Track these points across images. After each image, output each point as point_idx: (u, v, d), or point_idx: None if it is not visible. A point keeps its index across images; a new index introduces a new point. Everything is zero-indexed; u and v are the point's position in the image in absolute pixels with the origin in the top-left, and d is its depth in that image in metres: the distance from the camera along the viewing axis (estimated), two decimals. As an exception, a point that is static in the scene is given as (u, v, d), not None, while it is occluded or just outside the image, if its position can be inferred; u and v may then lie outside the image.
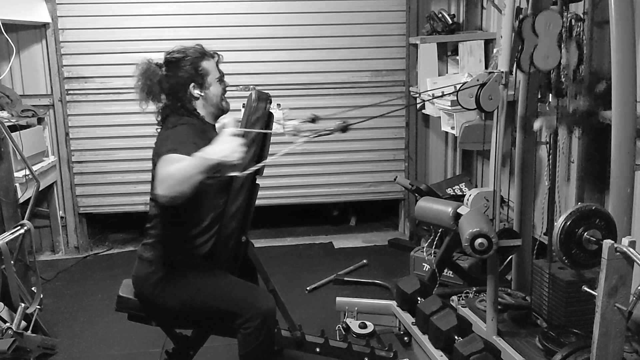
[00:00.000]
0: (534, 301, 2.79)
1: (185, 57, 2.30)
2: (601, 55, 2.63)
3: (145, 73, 2.27)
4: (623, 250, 1.71)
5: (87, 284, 4.09)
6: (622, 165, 2.15)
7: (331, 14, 4.64)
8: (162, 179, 1.89)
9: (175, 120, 2.28)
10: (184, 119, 2.29)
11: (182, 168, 1.87)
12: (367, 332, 3.09)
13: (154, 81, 2.27)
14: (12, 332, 2.61)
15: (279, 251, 4.66)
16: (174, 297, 2.26)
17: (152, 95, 2.30)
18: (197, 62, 2.30)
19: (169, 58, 2.32)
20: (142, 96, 2.30)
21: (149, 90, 2.28)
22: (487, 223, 2.44)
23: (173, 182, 1.86)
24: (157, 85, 2.28)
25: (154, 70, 2.28)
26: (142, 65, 2.28)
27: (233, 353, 2.32)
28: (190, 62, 2.29)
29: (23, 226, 2.85)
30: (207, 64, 2.33)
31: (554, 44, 2.40)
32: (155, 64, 2.30)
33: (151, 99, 2.32)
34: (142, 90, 2.29)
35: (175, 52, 2.33)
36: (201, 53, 2.33)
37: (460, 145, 3.99)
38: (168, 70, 2.30)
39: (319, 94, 4.73)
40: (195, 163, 1.87)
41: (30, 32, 4.43)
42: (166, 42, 4.38)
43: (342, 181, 4.88)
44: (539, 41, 2.39)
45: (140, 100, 2.31)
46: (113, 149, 4.63)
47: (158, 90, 2.29)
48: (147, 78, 2.27)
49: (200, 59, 2.31)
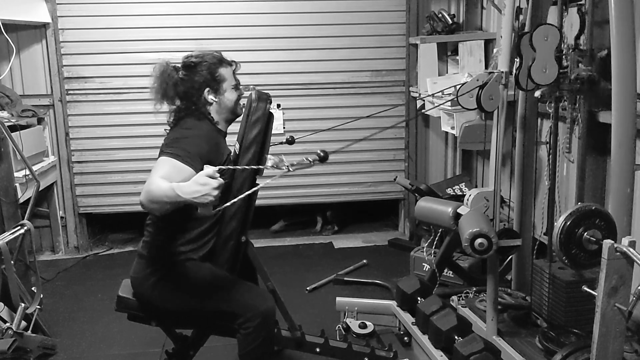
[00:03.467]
0: (534, 301, 2.79)
1: (203, 62, 2.30)
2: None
3: (162, 75, 2.28)
4: (623, 250, 1.71)
5: (87, 284, 4.09)
6: (622, 165, 2.15)
7: (331, 14, 4.64)
8: (146, 186, 1.96)
9: (192, 124, 2.28)
10: (200, 124, 2.29)
11: (159, 190, 1.91)
12: (367, 332, 3.09)
13: (170, 84, 2.28)
14: (12, 332, 2.61)
15: (279, 251, 4.66)
16: (173, 297, 2.26)
17: (167, 97, 2.31)
18: (214, 68, 2.31)
19: (186, 62, 2.33)
20: (157, 97, 2.31)
21: (164, 93, 2.29)
22: (487, 223, 2.44)
23: (149, 197, 1.94)
24: (172, 89, 2.29)
25: (170, 73, 2.29)
26: (159, 67, 2.29)
27: (233, 353, 2.32)
28: (207, 68, 2.30)
29: (23, 226, 2.84)
30: (224, 71, 2.33)
31: (552, 57, 2.40)
32: (173, 66, 2.31)
33: (165, 101, 2.32)
34: (157, 92, 2.30)
35: (193, 56, 2.33)
36: (219, 60, 2.34)
37: (460, 145, 3.99)
38: (185, 73, 2.30)
39: (319, 94, 4.73)
40: (168, 193, 1.89)
41: (30, 32, 4.43)
42: (166, 42, 4.47)
43: (342, 181, 4.88)
44: (536, 55, 2.38)
45: (154, 101, 2.32)
46: (113, 149, 4.63)
47: (173, 93, 2.30)
48: (163, 80, 2.28)
49: (217, 65, 2.32)
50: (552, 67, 2.40)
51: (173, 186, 1.88)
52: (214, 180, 1.84)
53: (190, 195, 1.84)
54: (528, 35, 2.39)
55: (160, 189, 1.91)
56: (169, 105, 2.35)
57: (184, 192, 1.85)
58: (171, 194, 1.88)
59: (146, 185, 1.96)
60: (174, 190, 1.87)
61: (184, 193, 1.85)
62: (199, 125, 2.28)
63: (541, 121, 3.28)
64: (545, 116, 3.17)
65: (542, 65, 2.38)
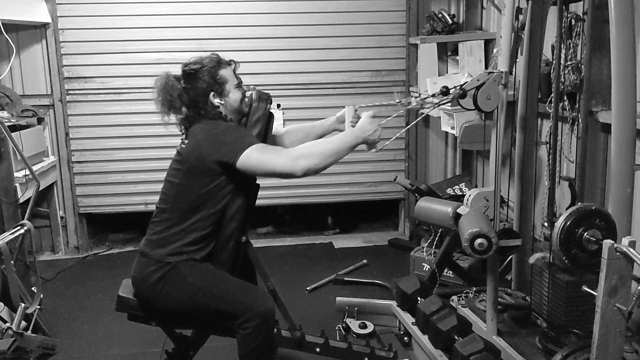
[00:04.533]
0: (534, 301, 2.79)
1: (202, 68, 2.30)
2: (601, 54, 2.62)
3: (164, 88, 2.28)
4: (623, 250, 1.71)
5: (87, 284, 4.09)
6: (622, 165, 2.15)
7: (331, 14, 4.64)
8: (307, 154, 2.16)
9: (211, 123, 2.29)
10: (215, 121, 2.31)
11: (334, 145, 2.21)
12: (367, 332, 3.09)
13: (175, 95, 2.28)
14: (12, 332, 2.61)
15: (279, 251, 4.66)
16: (173, 297, 2.26)
17: (174, 108, 2.31)
18: (215, 71, 2.31)
19: (186, 70, 2.33)
20: (164, 110, 2.32)
21: (170, 105, 2.30)
22: (487, 223, 2.44)
23: (325, 156, 2.17)
24: (177, 100, 2.29)
25: (172, 85, 2.29)
26: (160, 80, 2.30)
27: (233, 353, 2.32)
28: (207, 72, 2.30)
29: (23, 226, 2.85)
30: (225, 72, 2.34)
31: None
32: (174, 77, 2.31)
33: (173, 112, 2.33)
34: (163, 105, 2.30)
35: (191, 64, 2.33)
36: (217, 62, 2.34)
37: (460, 145, 3.98)
38: (187, 82, 2.30)
39: (319, 94, 4.73)
40: (345, 140, 2.22)
41: (30, 32, 4.44)
42: (166, 42, 4.47)
43: (342, 181, 4.88)
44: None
45: (161, 114, 2.33)
46: (113, 149, 4.63)
47: (179, 104, 2.31)
48: (166, 93, 2.28)
49: (217, 67, 2.32)
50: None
51: (346, 134, 2.25)
52: (377, 118, 2.24)
53: (367, 134, 2.24)
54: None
55: (336, 144, 2.21)
56: (176, 116, 2.35)
57: (363, 132, 2.24)
58: (350, 140, 2.23)
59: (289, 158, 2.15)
60: (351, 136, 2.23)
61: (363, 132, 2.24)
62: (220, 124, 2.31)
63: (541, 121, 3.29)
64: (545, 116, 3.17)
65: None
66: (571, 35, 2.68)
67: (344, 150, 2.23)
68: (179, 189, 2.27)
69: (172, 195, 2.29)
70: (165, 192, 2.34)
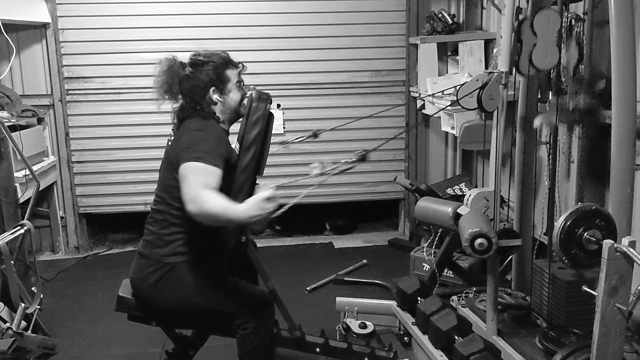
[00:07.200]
0: (534, 301, 2.79)
1: (210, 62, 2.29)
2: (601, 54, 2.62)
3: (169, 70, 2.27)
4: (623, 250, 1.71)
5: (87, 284, 4.09)
6: (622, 165, 2.15)
7: (331, 14, 4.64)
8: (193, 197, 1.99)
9: (201, 124, 2.25)
10: (207, 123, 2.27)
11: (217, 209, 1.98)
12: (367, 332, 3.09)
13: (176, 80, 2.27)
14: (12, 332, 2.61)
15: (279, 251, 4.66)
16: (173, 297, 2.26)
17: (171, 93, 2.30)
18: (221, 69, 2.30)
19: (194, 59, 2.31)
20: (160, 92, 2.30)
21: (168, 88, 2.28)
22: (487, 223, 2.44)
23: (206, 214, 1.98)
24: (177, 85, 2.28)
25: (177, 68, 2.28)
26: (166, 62, 2.28)
27: (233, 353, 2.32)
28: (213, 67, 2.28)
29: (23, 226, 2.85)
30: (230, 72, 2.33)
31: (553, 42, 2.40)
32: (180, 62, 2.30)
33: (168, 97, 2.31)
34: (162, 87, 2.29)
35: (201, 54, 2.32)
36: (226, 61, 2.33)
37: (460, 145, 3.99)
38: (191, 70, 2.29)
39: (319, 94, 4.73)
40: (229, 215, 1.99)
41: (30, 32, 4.43)
42: (166, 42, 4.47)
43: (342, 181, 4.87)
44: (537, 40, 2.38)
45: (157, 95, 2.30)
46: (113, 149, 4.63)
47: (177, 89, 2.29)
48: (169, 76, 2.27)
49: (224, 66, 2.31)
50: (553, 52, 2.40)
51: (231, 212, 1.99)
52: (272, 204, 2.00)
53: (250, 219, 1.99)
54: (528, 21, 2.38)
55: (217, 210, 1.97)
56: (172, 103, 2.34)
57: (245, 216, 1.98)
58: (231, 216, 1.99)
59: (193, 196, 1.99)
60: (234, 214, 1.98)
61: (245, 217, 1.99)
62: (207, 125, 2.25)
63: (541, 121, 3.28)
64: (545, 116, 3.17)
65: (544, 50, 2.38)
66: (571, 35, 2.68)
67: (233, 222, 2.14)
68: (169, 190, 2.25)
69: (164, 196, 2.28)
70: (158, 192, 2.33)
